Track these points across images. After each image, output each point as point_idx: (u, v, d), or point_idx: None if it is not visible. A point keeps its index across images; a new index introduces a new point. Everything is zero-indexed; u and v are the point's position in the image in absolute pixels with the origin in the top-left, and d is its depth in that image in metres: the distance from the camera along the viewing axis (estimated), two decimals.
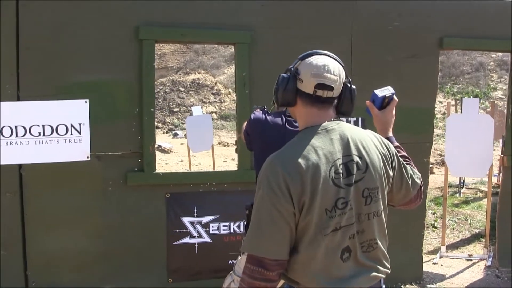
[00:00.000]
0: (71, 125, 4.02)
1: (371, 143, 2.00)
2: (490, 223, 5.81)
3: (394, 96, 2.38)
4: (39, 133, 3.97)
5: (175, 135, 17.33)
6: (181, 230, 4.18)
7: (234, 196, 4.29)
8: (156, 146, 4.51)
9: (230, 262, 4.25)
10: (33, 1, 3.95)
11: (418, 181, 2.15)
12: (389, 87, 2.38)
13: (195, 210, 4.22)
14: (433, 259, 5.74)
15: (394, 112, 2.37)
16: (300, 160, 1.87)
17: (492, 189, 6.19)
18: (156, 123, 5.54)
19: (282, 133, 2.90)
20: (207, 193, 4.29)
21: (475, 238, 6.65)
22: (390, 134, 2.32)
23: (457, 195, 9.00)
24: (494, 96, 17.86)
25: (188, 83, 21.08)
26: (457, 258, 5.76)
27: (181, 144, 15.07)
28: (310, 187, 1.85)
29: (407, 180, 2.09)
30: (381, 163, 1.98)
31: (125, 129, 4.10)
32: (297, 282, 1.94)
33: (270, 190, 1.86)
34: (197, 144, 9.47)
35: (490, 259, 5.52)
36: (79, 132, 4.03)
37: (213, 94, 20.63)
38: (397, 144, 2.26)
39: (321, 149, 1.91)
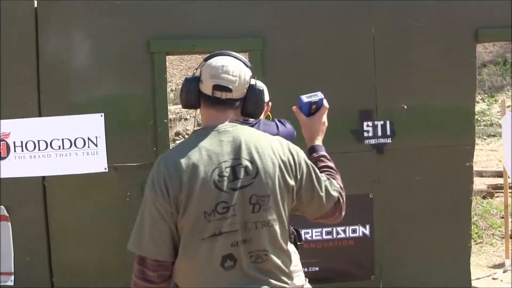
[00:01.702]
0: (88, 138, 4.50)
1: (268, 149, 2.03)
2: None
3: (324, 103, 2.44)
4: (59, 146, 4.49)
5: None
6: None
7: None
8: None
9: None
10: (51, 22, 4.45)
11: (335, 193, 2.16)
12: (318, 93, 2.42)
13: None
14: (495, 273, 5.69)
15: (324, 119, 2.46)
16: (182, 160, 1.97)
17: None
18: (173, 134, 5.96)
19: None
20: None
21: None
22: (318, 142, 2.42)
23: None
24: None
25: None
26: None
27: None
28: (187, 186, 1.93)
29: (318, 192, 2.11)
30: (277, 171, 2.00)
31: (141, 141, 4.49)
32: None
33: (152, 188, 1.98)
34: None
35: None
36: (96, 145, 4.51)
37: None
38: (323, 153, 2.36)
39: (206, 150, 1.98)
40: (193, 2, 4.59)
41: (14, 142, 4.47)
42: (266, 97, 3.21)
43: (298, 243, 3.16)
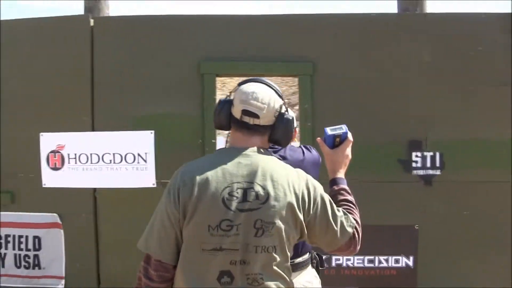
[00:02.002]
0: (138, 154, 4.71)
1: (284, 179, 2.11)
2: None
3: (349, 136, 2.51)
4: (110, 160, 4.72)
5: None
6: None
7: None
8: None
9: None
10: (106, 41, 4.69)
11: (350, 229, 2.21)
12: (343, 126, 2.50)
13: None
14: None
15: (348, 152, 2.52)
16: (197, 173, 2.11)
17: None
18: None
19: None
20: None
21: None
22: (340, 175, 2.47)
23: None
24: None
25: None
26: None
27: None
28: (196, 198, 2.07)
29: (333, 227, 2.17)
30: (289, 202, 2.08)
31: (189, 159, 4.70)
32: None
33: (167, 194, 2.14)
34: None
35: None
36: (145, 161, 4.70)
37: None
38: (344, 187, 2.40)
39: (221, 168, 2.11)
40: (244, 26, 4.71)
41: (68, 154, 4.74)
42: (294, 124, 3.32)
43: (320, 268, 3.31)
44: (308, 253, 3.29)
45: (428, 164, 4.61)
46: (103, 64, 4.71)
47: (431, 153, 4.62)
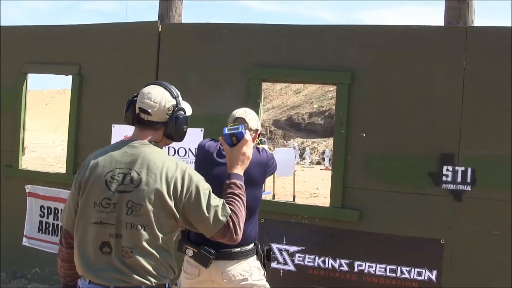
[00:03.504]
0: (189, 149, 5.56)
1: (159, 169, 2.61)
2: None
3: (246, 136, 2.90)
4: (166, 152, 5.69)
5: None
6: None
7: (322, 231, 5.17)
8: None
9: None
10: (169, 47, 5.66)
11: (223, 218, 2.65)
12: (240, 126, 2.92)
13: (284, 238, 5.33)
14: None
15: (245, 151, 2.93)
16: (93, 158, 2.74)
17: None
18: None
19: (208, 160, 3.72)
20: (297, 225, 5.24)
21: None
22: (235, 171, 2.88)
23: None
24: None
25: None
26: None
27: None
28: (87, 178, 2.67)
29: (205, 215, 2.62)
30: (157, 189, 2.57)
31: None
32: None
33: (75, 177, 2.79)
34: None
35: None
36: (194, 155, 5.61)
37: None
38: (234, 181, 2.82)
39: (110, 156, 2.69)
40: (288, 35, 5.36)
41: None
42: (256, 125, 3.87)
43: (266, 261, 3.84)
44: (251, 244, 3.74)
45: (459, 179, 4.82)
46: (166, 66, 5.67)
47: (463, 168, 4.82)
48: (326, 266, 5.14)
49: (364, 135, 5.07)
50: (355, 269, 5.05)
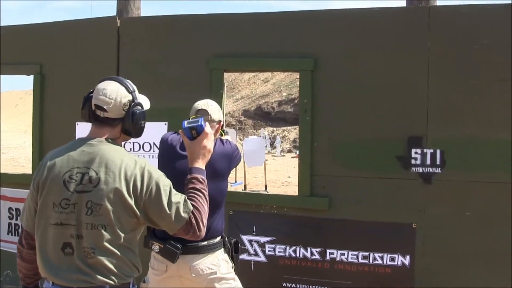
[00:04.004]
0: (153, 143, 5.38)
1: (117, 167, 2.53)
2: None
3: (206, 129, 2.81)
4: (130, 148, 5.37)
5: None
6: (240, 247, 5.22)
7: (292, 221, 5.04)
8: None
9: (284, 284, 5.17)
10: (129, 42, 5.49)
11: (185, 215, 2.58)
12: (200, 119, 2.83)
13: (254, 229, 5.19)
14: None
15: (206, 144, 2.83)
16: (51, 157, 2.64)
17: None
18: None
19: (171, 154, 3.63)
20: (267, 215, 5.11)
21: None
22: (196, 165, 2.79)
23: None
24: None
25: None
26: None
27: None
28: (44, 178, 2.57)
29: (166, 212, 2.55)
30: (116, 188, 2.49)
31: None
32: None
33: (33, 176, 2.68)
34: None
35: None
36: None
37: None
38: (195, 175, 2.73)
39: (67, 155, 2.59)
40: (249, 24, 5.21)
41: None
42: (219, 117, 3.75)
43: (235, 253, 3.72)
44: (218, 238, 3.63)
45: (428, 162, 4.73)
46: (127, 61, 5.49)
47: (431, 150, 4.73)
48: (298, 255, 5.02)
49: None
50: (327, 257, 4.95)
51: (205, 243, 3.52)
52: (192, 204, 2.64)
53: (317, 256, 4.96)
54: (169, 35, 5.44)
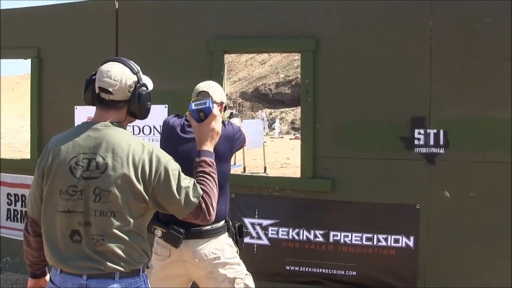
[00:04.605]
0: (153, 126, 5.29)
1: (125, 152, 2.45)
2: None
3: (214, 111, 2.73)
4: (130, 132, 5.44)
5: None
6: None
7: (294, 203, 4.99)
8: None
9: (287, 267, 5.13)
10: (129, 22, 5.39)
11: (195, 200, 2.51)
12: (207, 101, 2.75)
13: (256, 212, 5.16)
14: None
15: (214, 126, 2.75)
16: (55, 143, 2.56)
17: None
18: None
19: (174, 137, 3.53)
20: (269, 197, 5.05)
21: None
22: (205, 148, 2.71)
23: None
24: None
25: None
26: None
27: None
28: (50, 165, 2.50)
29: (176, 197, 2.48)
30: (125, 173, 2.42)
31: None
32: None
33: (38, 161, 2.61)
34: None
35: None
36: (160, 133, 5.37)
37: None
38: (204, 158, 2.66)
39: (73, 141, 2.50)
40: (249, 4, 5.11)
41: None
42: (221, 98, 3.66)
43: (239, 238, 3.63)
44: (222, 222, 3.53)
45: (432, 142, 4.66)
46: (126, 44, 5.39)
47: (435, 131, 4.65)
48: (301, 238, 4.96)
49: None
50: (331, 240, 4.89)
51: (209, 227, 3.45)
52: (201, 188, 2.57)
53: (320, 239, 4.90)
54: (168, 18, 5.33)
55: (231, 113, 3.96)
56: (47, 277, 2.84)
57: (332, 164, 4.90)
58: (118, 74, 2.56)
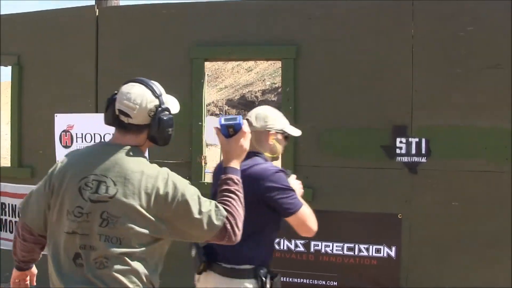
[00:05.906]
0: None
1: (137, 179, 2.31)
2: None
3: (244, 128, 2.59)
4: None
5: None
6: None
7: None
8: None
9: None
10: (108, 31, 5.26)
11: (219, 223, 2.35)
12: (238, 117, 2.62)
13: None
14: None
15: (242, 143, 2.59)
16: (69, 161, 2.46)
17: None
18: None
19: None
20: None
21: None
22: (232, 165, 2.56)
23: None
24: None
25: None
26: None
27: None
28: (60, 183, 2.39)
29: (197, 222, 2.34)
30: (138, 201, 2.29)
31: (178, 141, 4.93)
32: None
33: (48, 174, 2.50)
34: None
35: None
36: None
37: None
38: (230, 176, 2.50)
39: (86, 160, 2.41)
40: (230, 12, 5.00)
41: (76, 134, 5.30)
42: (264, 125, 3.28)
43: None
44: (246, 265, 3.03)
45: (413, 151, 4.55)
46: (106, 50, 5.26)
47: (417, 139, 4.55)
48: (282, 248, 4.84)
49: None
50: (312, 249, 4.77)
51: (230, 266, 3.05)
52: (225, 208, 2.42)
53: (301, 248, 4.78)
54: (148, 24, 5.20)
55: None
56: (34, 270, 2.81)
57: (313, 172, 4.77)
58: (138, 97, 2.42)
